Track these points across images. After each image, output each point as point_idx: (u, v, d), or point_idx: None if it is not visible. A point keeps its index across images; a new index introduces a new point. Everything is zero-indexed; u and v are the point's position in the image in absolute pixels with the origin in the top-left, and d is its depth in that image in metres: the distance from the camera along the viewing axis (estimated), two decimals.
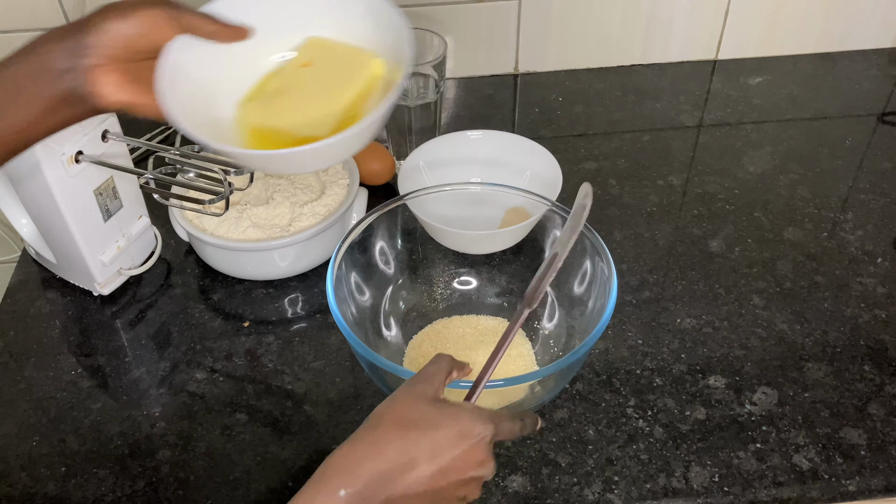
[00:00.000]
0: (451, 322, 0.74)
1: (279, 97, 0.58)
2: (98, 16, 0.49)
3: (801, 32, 1.09)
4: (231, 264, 0.79)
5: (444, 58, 0.88)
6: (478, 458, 0.47)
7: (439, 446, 0.46)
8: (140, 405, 0.70)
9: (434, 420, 0.47)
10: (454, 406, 0.48)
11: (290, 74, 0.58)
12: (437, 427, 0.46)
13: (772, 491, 0.62)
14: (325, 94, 0.57)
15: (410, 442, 0.46)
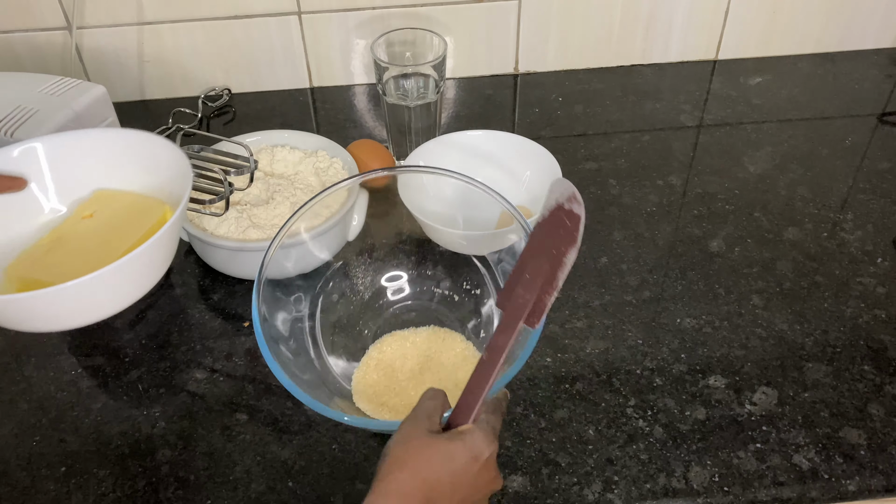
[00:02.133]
0: (385, 344, 0.71)
1: (53, 251, 0.58)
2: None
3: (801, 32, 1.09)
4: (231, 264, 0.79)
5: (444, 58, 0.88)
6: (490, 475, 0.49)
7: (459, 477, 0.48)
8: (140, 405, 0.70)
9: (450, 453, 0.48)
10: (461, 434, 0.49)
11: (69, 228, 0.58)
12: (453, 459, 0.48)
13: (772, 491, 0.62)
14: (104, 243, 0.58)
15: (435, 481, 0.47)
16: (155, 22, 0.98)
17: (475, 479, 0.48)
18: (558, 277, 0.51)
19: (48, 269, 0.58)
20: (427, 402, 0.51)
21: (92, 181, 0.59)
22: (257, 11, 0.99)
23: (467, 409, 0.50)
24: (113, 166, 0.59)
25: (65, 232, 0.58)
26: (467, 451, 0.48)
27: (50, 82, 0.72)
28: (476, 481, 0.48)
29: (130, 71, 1.03)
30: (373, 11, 1.00)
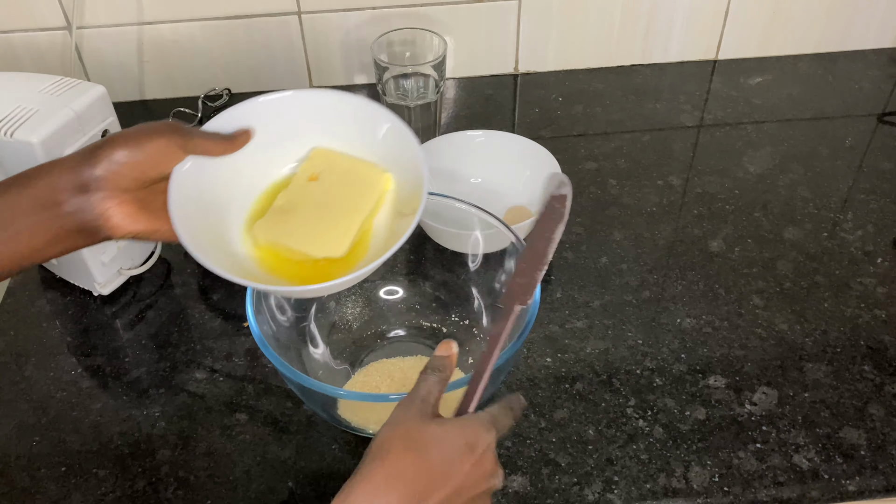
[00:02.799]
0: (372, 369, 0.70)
1: (289, 214, 0.57)
2: (106, 148, 0.48)
3: (801, 32, 1.09)
4: None
5: (444, 58, 0.88)
6: (487, 468, 0.46)
7: (451, 465, 0.45)
8: (140, 405, 0.70)
9: (441, 437, 0.45)
10: (455, 420, 0.47)
11: (299, 190, 0.57)
12: (445, 444, 0.45)
13: (772, 491, 0.62)
14: (336, 212, 0.56)
15: (423, 466, 0.44)
16: (155, 22, 0.98)
17: (471, 469, 0.45)
18: (548, 253, 0.52)
19: (291, 233, 0.56)
20: (422, 383, 0.49)
21: (310, 138, 0.59)
22: (257, 11, 0.99)
23: (468, 399, 0.50)
24: (331, 124, 0.58)
25: (295, 194, 0.57)
26: (461, 437, 0.45)
27: (50, 82, 0.71)
28: (472, 473, 0.45)
29: (130, 71, 1.03)
30: (373, 11, 1.00)
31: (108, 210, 0.49)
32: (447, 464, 0.45)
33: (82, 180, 0.48)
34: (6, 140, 0.67)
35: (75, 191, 0.48)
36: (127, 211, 0.50)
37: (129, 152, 0.49)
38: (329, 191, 0.57)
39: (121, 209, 0.50)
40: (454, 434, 0.46)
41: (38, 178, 0.48)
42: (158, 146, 0.50)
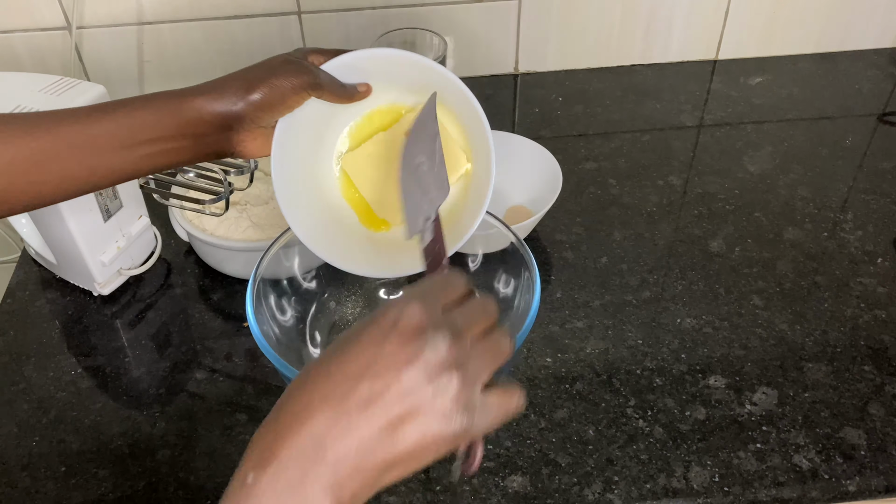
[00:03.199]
0: None
1: (374, 160, 0.61)
2: (250, 91, 0.53)
3: (801, 32, 1.09)
4: (231, 264, 0.79)
5: (444, 58, 0.88)
6: (412, 350, 0.37)
7: (363, 341, 0.38)
8: (140, 405, 0.70)
9: (370, 317, 0.39)
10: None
11: (393, 139, 0.60)
12: (368, 322, 0.38)
13: (772, 491, 0.62)
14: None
15: (336, 351, 0.39)
16: (155, 22, 0.98)
17: (395, 350, 0.37)
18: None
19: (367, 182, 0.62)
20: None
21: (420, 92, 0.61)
22: (257, 11, 0.99)
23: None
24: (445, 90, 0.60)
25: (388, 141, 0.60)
26: (387, 309, 0.38)
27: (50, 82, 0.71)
28: (392, 352, 0.37)
29: (130, 71, 1.03)
30: (373, 11, 1.00)
31: (243, 142, 0.55)
32: (361, 340, 0.38)
33: (227, 120, 0.53)
34: None
35: (219, 126, 0.53)
36: (259, 142, 0.56)
37: (269, 96, 0.53)
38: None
39: (255, 142, 0.55)
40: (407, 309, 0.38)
41: (183, 105, 0.52)
42: (293, 90, 0.54)
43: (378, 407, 0.36)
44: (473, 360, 0.38)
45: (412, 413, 0.36)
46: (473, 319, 0.40)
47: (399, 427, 0.36)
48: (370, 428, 0.36)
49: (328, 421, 0.37)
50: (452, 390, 0.37)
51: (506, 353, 0.41)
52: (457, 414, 0.37)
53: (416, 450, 0.37)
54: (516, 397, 0.40)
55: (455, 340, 0.38)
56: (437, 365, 0.37)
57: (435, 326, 0.38)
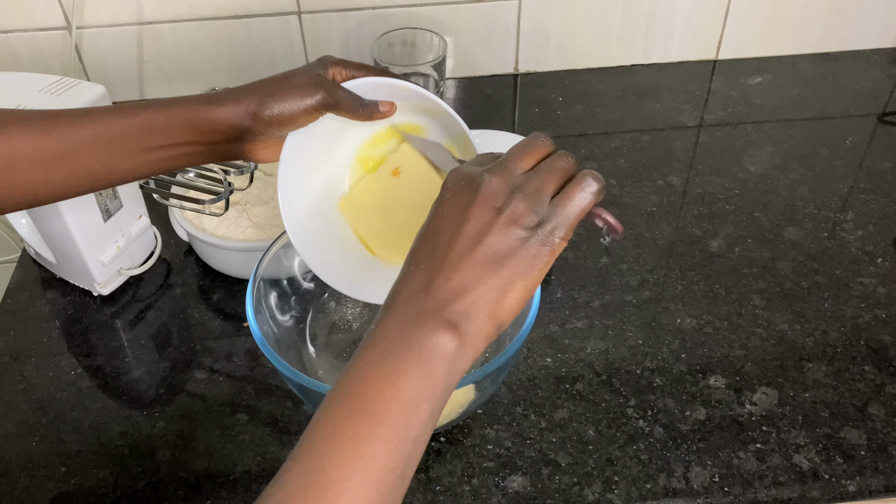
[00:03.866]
0: None
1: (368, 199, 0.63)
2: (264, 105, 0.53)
3: (801, 32, 1.09)
4: (231, 264, 0.79)
5: (444, 58, 0.89)
6: (507, 183, 0.42)
7: (451, 205, 0.43)
8: (140, 405, 0.70)
9: (443, 190, 0.44)
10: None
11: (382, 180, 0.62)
12: (445, 194, 0.44)
13: (772, 491, 0.62)
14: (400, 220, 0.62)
15: (430, 227, 0.43)
16: (155, 22, 0.98)
17: (455, 200, 0.43)
18: None
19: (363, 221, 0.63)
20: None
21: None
22: (257, 11, 0.99)
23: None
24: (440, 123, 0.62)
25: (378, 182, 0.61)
26: (456, 175, 0.44)
27: (50, 82, 0.72)
28: (454, 203, 0.43)
29: (130, 71, 1.03)
30: (373, 11, 1.00)
31: (255, 150, 0.56)
32: (447, 213, 0.43)
33: (238, 131, 0.54)
34: None
35: (231, 136, 0.54)
36: (270, 150, 0.57)
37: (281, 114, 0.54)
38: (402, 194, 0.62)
39: (266, 150, 0.57)
40: (450, 178, 0.44)
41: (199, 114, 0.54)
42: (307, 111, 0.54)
43: (464, 244, 0.41)
44: (533, 180, 0.42)
45: (498, 238, 0.41)
46: (522, 154, 0.44)
47: (495, 253, 0.41)
48: (468, 266, 0.40)
49: (426, 275, 0.41)
50: (519, 208, 0.41)
51: (565, 167, 0.44)
52: (533, 225, 0.42)
53: (518, 267, 0.41)
54: (584, 181, 0.43)
55: (503, 173, 0.43)
56: (495, 195, 0.42)
57: (485, 170, 0.43)
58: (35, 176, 0.53)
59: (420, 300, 0.40)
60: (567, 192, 0.43)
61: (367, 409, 0.38)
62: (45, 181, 0.54)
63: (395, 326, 0.40)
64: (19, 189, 0.53)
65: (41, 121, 0.53)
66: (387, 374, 0.39)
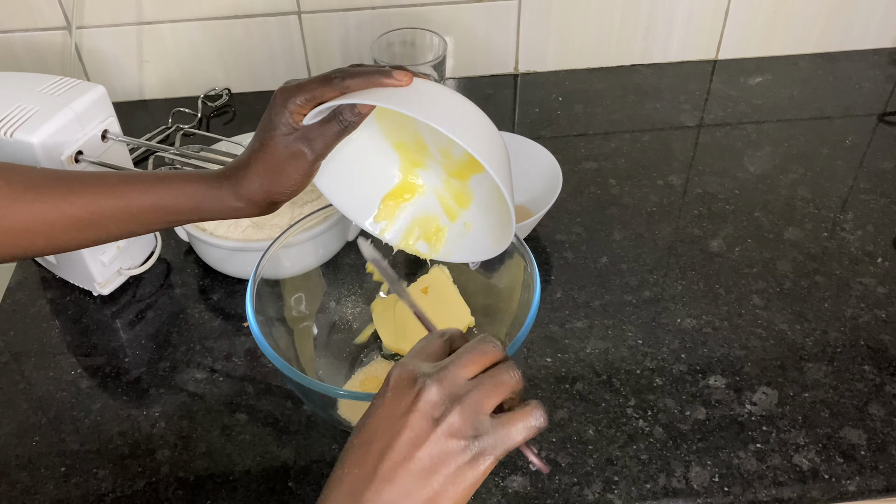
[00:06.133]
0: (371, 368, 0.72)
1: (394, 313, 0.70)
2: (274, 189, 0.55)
3: (801, 32, 1.09)
4: (231, 264, 0.79)
5: (444, 58, 0.88)
6: (404, 408, 0.41)
7: (387, 415, 0.41)
8: (140, 405, 0.70)
9: (384, 388, 0.43)
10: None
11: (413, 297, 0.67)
12: (386, 392, 0.42)
13: (772, 491, 0.62)
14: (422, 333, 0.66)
15: (365, 430, 0.42)
16: (155, 22, 0.98)
17: (393, 405, 0.41)
18: None
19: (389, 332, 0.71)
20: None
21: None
22: (257, 11, 0.99)
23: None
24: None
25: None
26: (397, 372, 0.42)
27: (49, 82, 0.72)
28: (391, 409, 0.41)
29: (130, 71, 1.03)
30: (373, 11, 1.00)
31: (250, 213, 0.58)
32: (386, 416, 0.41)
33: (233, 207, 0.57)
34: (6, 140, 0.67)
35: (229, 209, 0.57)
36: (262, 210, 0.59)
37: (292, 190, 0.56)
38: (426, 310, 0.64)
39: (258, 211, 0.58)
40: (394, 372, 0.42)
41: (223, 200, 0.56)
42: (308, 170, 0.56)
43: (398, 454, 0.40)
44: (474, 392, 0.41)
45: (432, 450, 0.40)
46: (467, 360, 0.43)
47: (427, 466, 0.40)
48: (399, 477, 0.40)
49: (358, 482, 0.40)
50: (456, 422, 0.40)
51: (509, 382, 0.43)
52: (468, 441, 0.40)
53: (449, 481, 0.40)
54: (531, 414, 0.42)
55: (446, 380, 0.41)
56: (435, 404, 0.40)
57: (424, 374, 0.41)
58: (53, 238, 0.56)
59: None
60: (511, 417, 0.42)
61: None
62: (63, 241, 0.57)
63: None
64: (36, 245, 0.56)
65: (65, 188, 0.55)
66: None
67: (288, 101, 0.54)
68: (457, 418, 0.40)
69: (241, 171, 0.55)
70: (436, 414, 0.40)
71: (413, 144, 0.63)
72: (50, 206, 0.55)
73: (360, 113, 0.54)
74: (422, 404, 0.40)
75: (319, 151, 0.55)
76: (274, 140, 0.54)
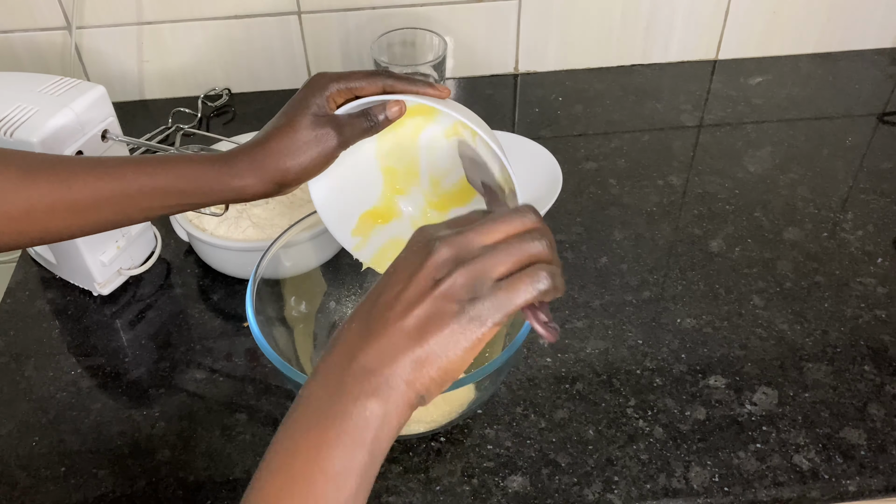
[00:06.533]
0: None
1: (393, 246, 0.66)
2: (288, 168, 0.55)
3: (801, 32, 1.09)
4: (231, 264, 0.79)
5: (444, 58, 0.89)
6: (451, 250, 0.40)
7: (399, 265, 0.42)
8: (140, 405, 0.70)
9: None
10: None
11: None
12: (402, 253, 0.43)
13: (772, 491, 0.62)
14: None
15: (377, 287, 0.42)
16: (155, 22, 0.98)
17: (405, 262, 0.42)
18: None
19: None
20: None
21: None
22: (257, 11, 0.99)
23: None
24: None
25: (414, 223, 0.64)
26: (416, 236, 0.43)
27: (49, 82, 0.72)
28: (403, 265, 0.41)
29: (130, 71, 1.03)
30: (373, 11, 1.00)
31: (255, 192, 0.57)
32: (395, 274, 0.42)
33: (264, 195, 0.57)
34: (6, 140, 0.67)
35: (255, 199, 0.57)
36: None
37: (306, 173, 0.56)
38: None
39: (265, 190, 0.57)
40: (414, 235, 0.43)
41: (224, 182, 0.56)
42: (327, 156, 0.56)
43: (395, 311, 0.40)
44: (484, 257, 0.40)
45: (426, 309, 0.39)
46: (489, 228, 0.41)
47: (419, 324, 0.39)
48: (392, 332, 0.40)
49: (355, 336, 0.41)
50: (456, 283, 0.39)
51: (528, 251, 0.41)
52: (464, 304, 0.39)
53: (439, 342, 0.39)
54: (535, 276, 0.40)
55: (458, 244, 0.41)
56: (439, 266, 0.40)
57: (439, 237, 0.41)
58: (52, 223, 0.55)
59: (344, 367, 0.40)
60: (514, 280, 0.40)
61: (294, 485, 0.38)
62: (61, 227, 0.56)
63: (322, 396, 0.40)
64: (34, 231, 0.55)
65: (64, 172, 0.55)
66: (312, 446, 0.39)
67: (329, 85, 0.55)
68: (458, 280, 0.39)
69: (259, 147, 0.56)
70: (439, 275, 0.40)
71: (403, 171, 0.64)
72: (48, 190, 0.54)
73: (388, 118, 0.56)
74: (429, 264, 0.40)
75: (346, 139, 0.56)
76: (304, 118, 0.55)
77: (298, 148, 0.55)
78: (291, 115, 0.56)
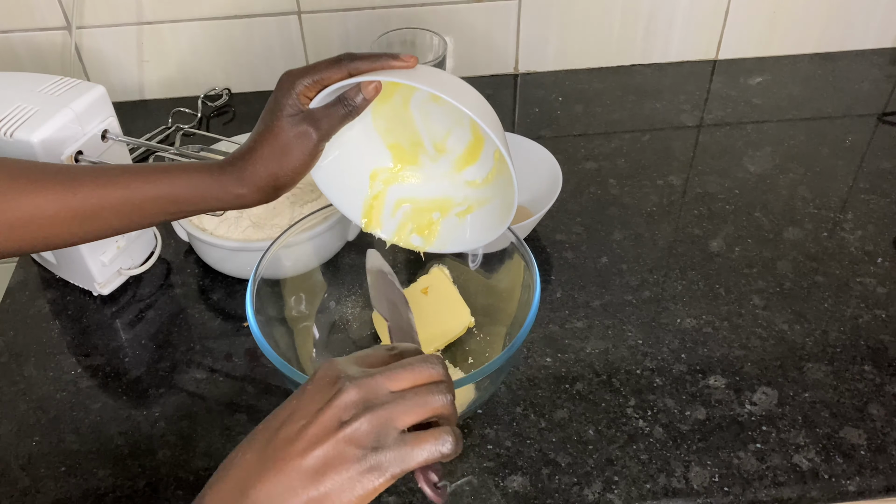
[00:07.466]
0: None
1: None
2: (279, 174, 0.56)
3: (801, 32, 1.09)
4: (231, 264, 0.79)
5: (444, 58, 0.88)
6: (342, 409, 0.40)
7: (292, 402, 0.42)
8: (140, 405, 0.70)
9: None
10: None
11: (412, 297, 0.69)
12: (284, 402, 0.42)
13: (772, 491, 0.62)
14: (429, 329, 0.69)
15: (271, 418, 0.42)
16: (155, 22, 0.98)
17: (310, 398, 0.41)
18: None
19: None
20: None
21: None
22: (257, 11, 0.99)
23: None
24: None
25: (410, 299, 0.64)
26: (318, 371, 0.42)
27: (49, 82, 0.72)
28: (308, 401, 0.41)
29: (130, 71, 1.03)
30: (373, 11, 1.00)
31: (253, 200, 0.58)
32: (298, 408, 0.41)
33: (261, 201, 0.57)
34: (6, 140, 0.67)
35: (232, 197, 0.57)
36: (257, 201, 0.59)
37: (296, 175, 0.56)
38: (427, 310, 0.67)
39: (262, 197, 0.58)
40: (320, 368, 0.42)
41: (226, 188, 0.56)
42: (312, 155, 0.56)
43: (296, 448, 0.39)
44: (391, 405, 0.40)
45: (328, 451, 0.39)
46: (398, 374, 0.42)
47: (318, 466, 0.39)
48: (289, 470, 0.39)
49: (251, 467, 0.40)
50: (361, 429, 0.39)
51: (433, 405, 0.41)
52: (366, 451, 0.39)
53: (335, 486, 0.39)
54: (439, 438, 0.41)
55: (366, 387, 0.41)
56: (346, 407, 0.40)
57: (347, 376, 0.41)
58: (56, 231, 0.56)
59: (236, 500, 0.39)
60: (419, 437, 0.40)
61: None
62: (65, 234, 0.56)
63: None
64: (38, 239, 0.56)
65: (67, 180, 0.55)
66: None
67: (295, 83, 0.55)
68: (364, 426, 0.39)
69: (247, 156, 0.56)
70: (345, 417, 0.40)
71: (408, 144, 0.63)
72: (52, 199, 0.55)
73: (366, 99, 0.55)
74: (336, 403, 0.40)
75: (325, 131, 0.55)
76: (280, 121, 0.55)
77: (281, 151, 0.55)
78: (268, 121, 0.55)
